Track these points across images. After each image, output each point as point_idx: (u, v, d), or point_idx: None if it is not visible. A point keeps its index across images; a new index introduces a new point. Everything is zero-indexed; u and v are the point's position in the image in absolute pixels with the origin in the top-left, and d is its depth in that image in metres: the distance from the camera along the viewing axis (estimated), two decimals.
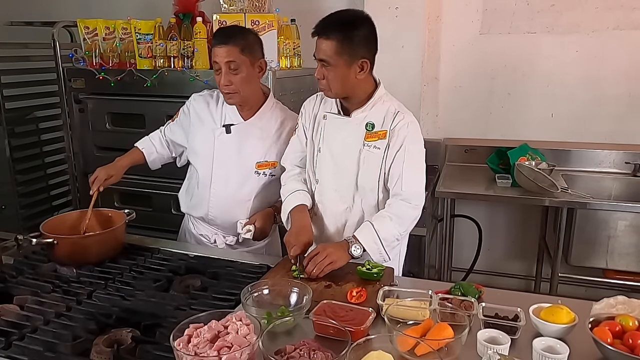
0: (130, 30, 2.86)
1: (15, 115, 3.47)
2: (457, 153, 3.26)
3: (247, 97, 1.90)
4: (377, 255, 1.69)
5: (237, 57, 1.80)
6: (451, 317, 1.33)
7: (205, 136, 1.98)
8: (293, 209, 1.82)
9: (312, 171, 1.89)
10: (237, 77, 1.82)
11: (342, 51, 1.61)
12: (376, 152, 1.75)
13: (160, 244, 1.98)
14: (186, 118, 2.05)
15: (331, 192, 1.83)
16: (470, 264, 3.26)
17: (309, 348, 1.16)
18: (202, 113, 2.01)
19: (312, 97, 1.93)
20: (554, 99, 3.08)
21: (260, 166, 1.98)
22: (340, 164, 1.80)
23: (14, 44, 3.56)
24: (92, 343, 1.26)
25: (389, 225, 1.70)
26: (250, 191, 2.00)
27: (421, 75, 3.08)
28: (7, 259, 1.80)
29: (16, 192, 3.47)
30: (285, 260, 1.73)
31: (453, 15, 3.13)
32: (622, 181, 2.93)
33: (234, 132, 1.96)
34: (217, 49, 1.81)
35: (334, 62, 1.63)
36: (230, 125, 1.96)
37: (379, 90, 1.77)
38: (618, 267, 2.62)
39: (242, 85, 1.84)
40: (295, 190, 1.87)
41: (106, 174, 1.95)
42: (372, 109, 1.76)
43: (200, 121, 2.00)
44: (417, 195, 1.75)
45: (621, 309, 1.30)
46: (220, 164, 1.98)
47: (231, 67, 1.80)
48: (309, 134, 1.89)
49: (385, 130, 1.74)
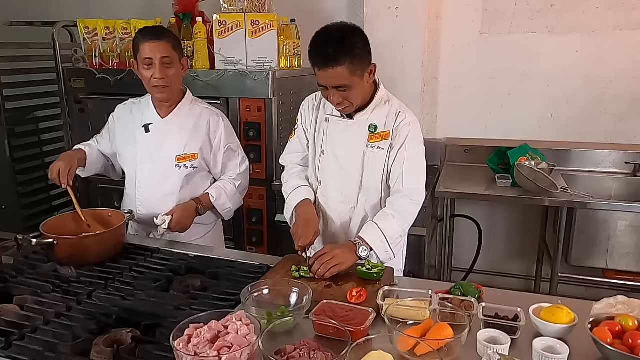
0: (130, 30, 2.86)
1: (15, 115, 3.48)
2: (457, 153, 3.26)
3: (174, 92, 2.03)
4: (384, 254, 1.71)
5: (170, 53, 1.92)
6: (451, 317, 1.33)
7: (127, 138, 2.10)
8: (298, 204, 1.84)
9: (314, 173, 1.90)
10: (169, 71, 1.94)
11: (354, 70, 1.61)
12: (380, 153, 1.77)
13: (160, 244, 1.98)
14: (111, 128, 2.18)
15: (336, 193, 1.85)
16: (470, 264, 3.26)
17: (309, 348, 1.16)
18: (124, 118, 2.13)
19: (311, 97, 1.94)
20: (554, 99, 3.08)
21: (180, 159, 2.05)
22: (344, 165, 1.81)
23: (14, 44, 3.56)
24: (92, 343, 1.26)
25: (393, 222, 1.72)
26: (173, 185, 2.07)
27: (421, 75, 3.08)
28: (7, 259, 1.80)
29: (16, 192, 3.48)
30: (286, 260, 1.73)
31: (453, 15, 3.12)
32: (622, 181, 2.93)
33: (152, 131, 2.06)
34: (150, 44, 1.90)
35: (351, 83, 1.63)
36: (148, 124, 2.06)
37: (380, 91, 1.79)
38: (618, 267, 2.61)
39: (173, 80, 1.97)
40: (298, 186, 1.90)
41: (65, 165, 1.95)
42: (374, 111, 1.78)
43: (123, 126, 2.12)
44: (417, 191, 1.77)
45: (621, 309, 1.29)
46: (142, 162, 2.08)
47: (165, 62, 1.91)
48: (311, 136, 1.90)
49: (388, 131, 1.76)
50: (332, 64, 1.58)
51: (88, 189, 3.14)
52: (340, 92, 1.65)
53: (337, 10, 3.14)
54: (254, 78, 2.64)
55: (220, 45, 2.74)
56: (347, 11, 3.24)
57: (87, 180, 3.12)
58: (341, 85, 1.62)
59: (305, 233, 1.70)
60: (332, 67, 1.58)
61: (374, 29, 3.05)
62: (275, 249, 2.83)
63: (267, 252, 2.79)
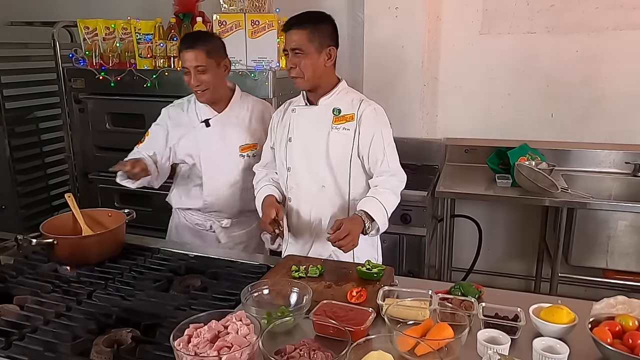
0: (130, 30, 2.86)
1: (15, 115, 3.48)
2: (457, 153, 3.26)
3: (216, 93, 2.11)
4: (383, 225, 1.83)
5: (204, 61, 2.01)
6: (451, 317, 1.33)
7: (184, 134, 2.17)
8: (262, 202, 1.97)
9: (282, 162, 1.98)
10: (205, 77, 2.03)
11: (312, 39, 1.79)
12: (346, 133, 1.87)
13: (160, 244, 1.98)
14: (161, 129, 2.19)
15: (305, 173, 1.93)
16: (470, 264, 3.26)
17: (309, 348, 1.16)
18: (179, 118, 2.19)
19: (281, 107, 2.07)
20: (554, 99, 3.08)
21: (243, 149, 2.19)
22: (310, 146, 1.92)
23: (14, 44, 3.56)
24: (92, 343, 1.26)
25: (388, 196, 1.85)
26: (238, 173, 2.20)
27: (421, 75, 3.08)
28: (7, 259, 1.80)
29: (16, 192, 3.48)
30: (286, 260, 1.74)
31: (453, 15, 3.12)
32: (622, 181, 2.93)
33: (213, 125, 2.16)
34: (185, 53, 2.02)
35: (306, 49, 1.79)
36: (207, 119, 2.15)
37: (342, 82, 1.94)
38: (618, 267, 2.61)
39: (211, 83, 2.05)
40: (261, 187, 2.03)
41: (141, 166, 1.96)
42: (337, 96, 1.91)
43: (177, 125, 2.18)
44: (400, 170, 1.93)
45: (621, 309, 1.30)
46: (208, 155, 2.17)
47: (199, 70, 2.01)
48: (279, 131, 1.99)
49: (352, 113, 1.89)
50: (296, 26, 1.81)
51: (88, 189, 3.14)
52: (296, 56, 1.80)
53: (337, 11, 3.12)
54: (254, 78, 2.64)
55: None
56: (347, 11, 3.24)
57: (87, 180, 3.13)
58: (297, 49, 1.79)
59: (266, 213, 1.86)
60: (296, 28, 1.80)
61: (374, 29, 3.05)
62: None
63: None
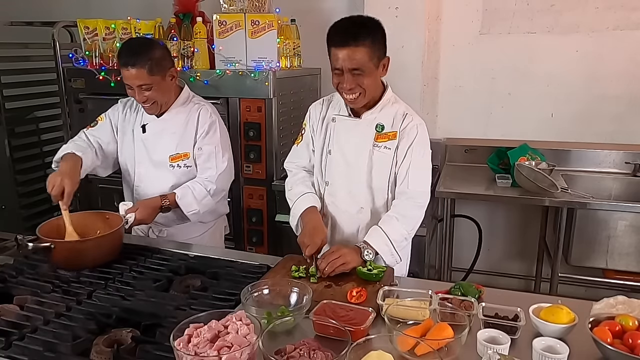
0: (130, 30, 2.86)
1: (15, 115, 3.48)
2: (457, 153, 3.26)
3: (163, 101, 2.00)
4: (389, 257, 1.71)
5: (147, 79, 1.87)
6: (451, 317, 1.33)
7: (127, 136, 2.10)
8: (304, 212, 1.82)
9: (320, 173, 1.88)
10: (149, 93, 1.92)
11: (373, 55, 1.61)
12: (387, 153, 1.76)
13: (160, 244, 1.98)
14: (112, 122, 2.14)
15: (343, 192, 1.83)
16: (470, 264, 3.26)
17: (309, 348, 1.16)
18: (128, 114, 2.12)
19: (318, 102, 1.94)
20: (554, 99, 3.08)
21: (173, 159, 2.06)
22: (352, 165, 1.80)
23: (14, 44, 3.56)
24: (92, 343, 1.26)
25: (397, 225, 1.71)
26: (169, 185, 2.06)
27: (421, 75, 3.08)
28: (7, 259, 1.80)
29: (16, 192, 3.48)
30: (286, 260, 1.73)
31: (453, 15, 3.12)
32: (622, 181, 2.93)
33: (148, 130, 2.07)
34: (125, 71, 1.87)
35: (368, 69, 1.62)
36: (145, 125, 2.07)
37: (388, 92, 1.79)
38: (618, 267, 2.61)
39: (158, 97, 1.95)
40: (304, 193, 1.87)
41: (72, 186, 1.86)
42: (381, 111, 1.78)
43: (127, 122, 2.11)
44: (422, 194, 1.77)
45: (621, 309, 1.29)
46: (140, 162, 2.09)
47: (143, 87, 1.89)
48: (318, 137, 1.88)
49: (395, 131, 1.76)
50: (353, 43, 1.57)
51: (88, 189, 3.13)
52: (355, 77, 1.62)
53: (337, 10, 3.12)
54: (254, 78, 2.64)
55: (220, 45, 2.74)
56: (347, 11, 3.23)
57: (87, 180, 3.12)
58: (357, 68, 1.60)
59: (312, 242, 1.67)
60: (354, 45, 1.57)
61: None
62: (275, 249, 2.84)
63: (267, 252, 2.79)
